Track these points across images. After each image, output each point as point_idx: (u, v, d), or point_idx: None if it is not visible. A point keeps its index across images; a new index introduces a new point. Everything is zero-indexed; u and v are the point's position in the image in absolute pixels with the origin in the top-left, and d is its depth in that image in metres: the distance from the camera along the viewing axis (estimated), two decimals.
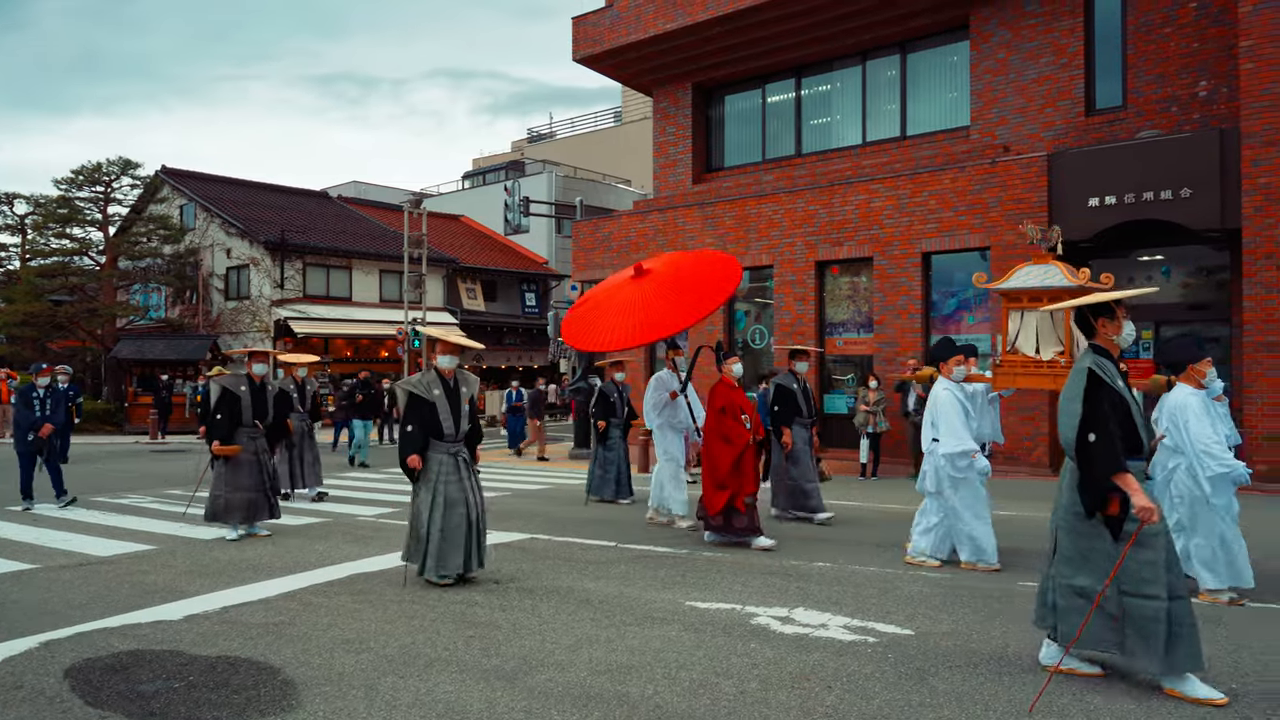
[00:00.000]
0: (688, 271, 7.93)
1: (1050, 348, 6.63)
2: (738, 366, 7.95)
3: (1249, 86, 11.21)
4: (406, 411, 6.10)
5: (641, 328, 7.37)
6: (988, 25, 14.51)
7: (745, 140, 18.13)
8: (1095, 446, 3.93)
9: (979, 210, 13.48)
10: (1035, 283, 6.67)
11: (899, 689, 4.07)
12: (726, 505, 7.54)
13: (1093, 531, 4.05)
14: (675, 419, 9.03)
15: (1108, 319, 4.22)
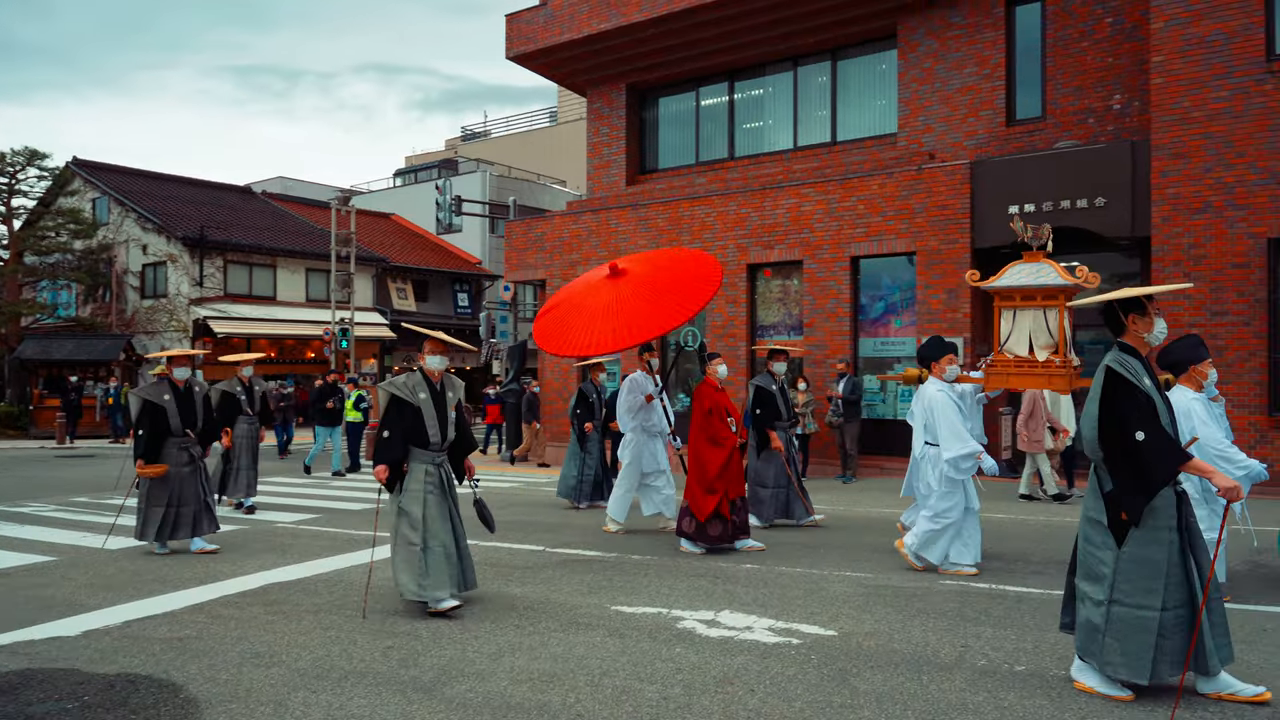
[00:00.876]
0: (667, 272, 7.68)
1: (1044, 348, 6.51)
2: (723, 368, 7.79)
3: (1159, 101, 11.68)
4: (386, 415, 5.55)
5: (622, 331, 7.07)
6: (915, 35, 14.82)
7: (679, 142, 18.18)
8: (1148, 444, 3.70)
9: (906, 215, 13.76)
10: (1028, 281, 6.50)
11: (821, 690, 4.07)
12: (715, 510, 7.30)
13: (1099, 540, 3.93)
14: (650, 422, 8.76)
15: (1139, 315, 4.03)
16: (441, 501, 5.59)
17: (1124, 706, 3.80)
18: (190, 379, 7.86)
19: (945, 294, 13.37)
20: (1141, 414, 3.75)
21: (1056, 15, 13.59)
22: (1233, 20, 11.19)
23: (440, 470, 5.65)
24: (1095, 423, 3.87)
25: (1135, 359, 3.92)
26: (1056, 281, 6.34)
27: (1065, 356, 6.37)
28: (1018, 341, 6.58)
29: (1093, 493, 3.98)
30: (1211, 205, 11.29)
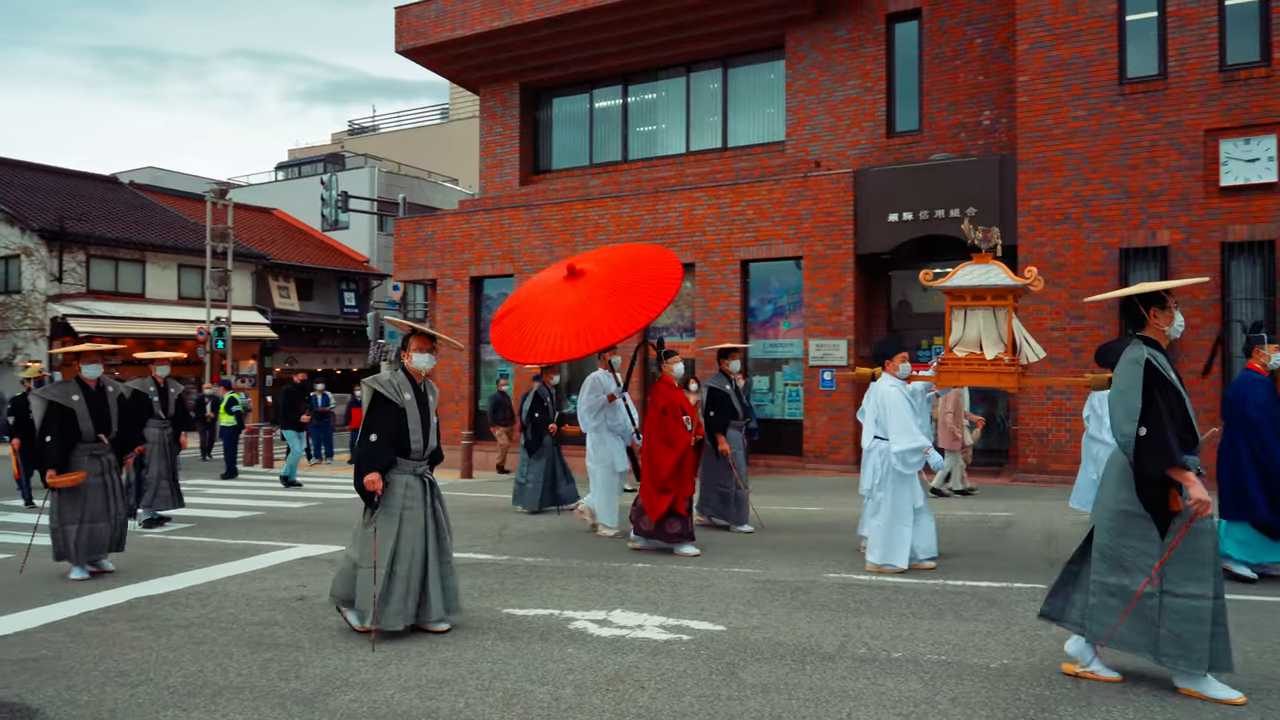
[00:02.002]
0: (626, 272, 7.50)
1: (994, 347, 6.69)
2: (679, 366, 7.67)
3: (1024, 118, 12.44)
4: (370, 416, 5.01)
5: (585, 335, 6.88)
6: (802, 47, 15.29)
7: (573, 144, 18.17)
8: (1147, 440, 3.76)
9: (793, 221, 14.17)
10: (978, 281, 6.67)
11: (710, 684, 4.15)
12: (669, 509, 7.24)
13: (1136, 530, 3.90)
14: (614, 422, 8.63)
15: (1159, 309, 4.06)
16: (420, 518, 5.03)
17: (988, 684, 4.02)
18: (103, 378, 7.01)
19: (830, 297, 13.84)
20: (1169, 407, 3.78)
21: (932, 34, 14.28)
22: (1090, 45, 12.03)
23: (422, 481, 5.12)
24: (1130, 414, 3.82)
25: (1160, 351, 3.94)
26: (1005, 282, 6.57)
27: (1014, 355, 6.62)
28: (969, 340, 6.76)
29: (1125, 484, 3.94)
30: (1071, 217, 12.11)
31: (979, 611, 5.33)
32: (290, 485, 13.15)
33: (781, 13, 15.09)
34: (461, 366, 17.11)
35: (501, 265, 16.84)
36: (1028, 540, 7.71)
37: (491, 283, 17.30)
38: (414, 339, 5.26)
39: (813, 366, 13.86)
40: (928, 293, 14.76)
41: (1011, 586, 5.96)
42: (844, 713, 3.77)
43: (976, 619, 5.17)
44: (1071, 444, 12.05)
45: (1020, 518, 8.93)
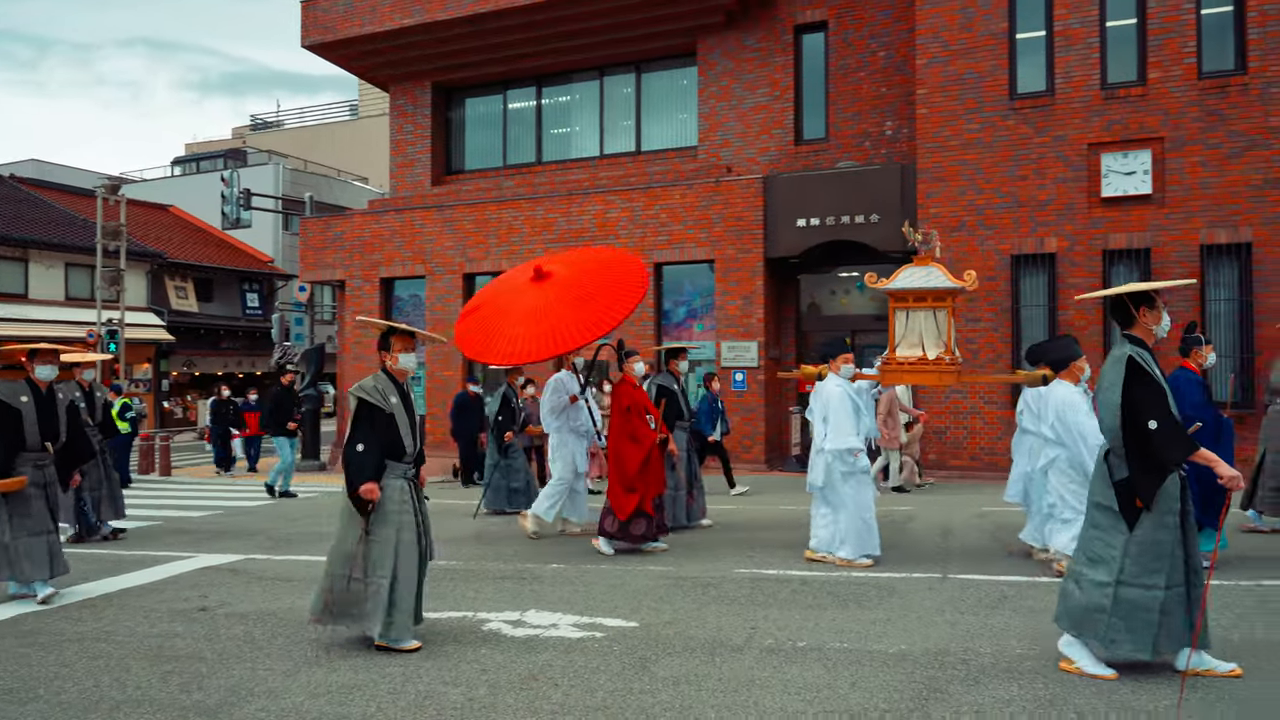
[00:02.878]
0: (593, 276, 7.45)
1: (934, 347, 6.92)
2: (640, 365, 7.67)
3: (923, 130, 12.99)
4: (357, 423, 4.85)
5: (548, 338, 6.81)
6: (713, 54, 15.58)
7: (486, 144, 18.03)
8: (1161, 432, 3.86)
9: (705, 225, 14.42)
10: (919, 283, 6.90)
11: (622, 678, 4.24)
12: (636, 508, 7.19)
13: (1106, 523, 4.05)
14: (576, 423, 8.56)
15: (1149, 308, 4.16)
16: (413, 524, 4.90)
17: (885, 668, 4.23)
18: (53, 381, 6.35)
19: (741, 300, 14.14)
20: (1156, 403, 3.91)
21: (838, 45, 14.76)
22: (983, 62, 12.66)
23: (411, 486, 4.99)
24: (1117, 411, 3.96)
25: (1146, 350, 4.07)
26: (945, 284, 6.83)
27: (954, 354, 6.92)
28: (911, 340, 7.00)
29: (1101, 480, 4.10)
30: (966, 224, 12.70)
31: (880, 601, 5.58)
32: (284, 496, 12.21)
33: (693, 20, 15.35)
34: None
35: (413, 266, 16.60)
36: (927, 533, 8.07)
37: (403, 284, 17.03)
38: (397, 339, 5.06)
39: (725, 368, 14.13)
40: (835, 296, 15.28)
41: (911, 577, 6.24)
42: (751, 701, 3.91)
43: (877, 608, 5.40)
44: (968, 440, 12.65)
45: (920, 512, 9.33)
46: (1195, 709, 3.67)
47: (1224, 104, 11.60)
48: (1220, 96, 11.61)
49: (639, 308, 14.72)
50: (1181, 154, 11.74)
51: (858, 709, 3.79)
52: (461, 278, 16.19)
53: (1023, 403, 6.95)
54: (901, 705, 3.81)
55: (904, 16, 14.06)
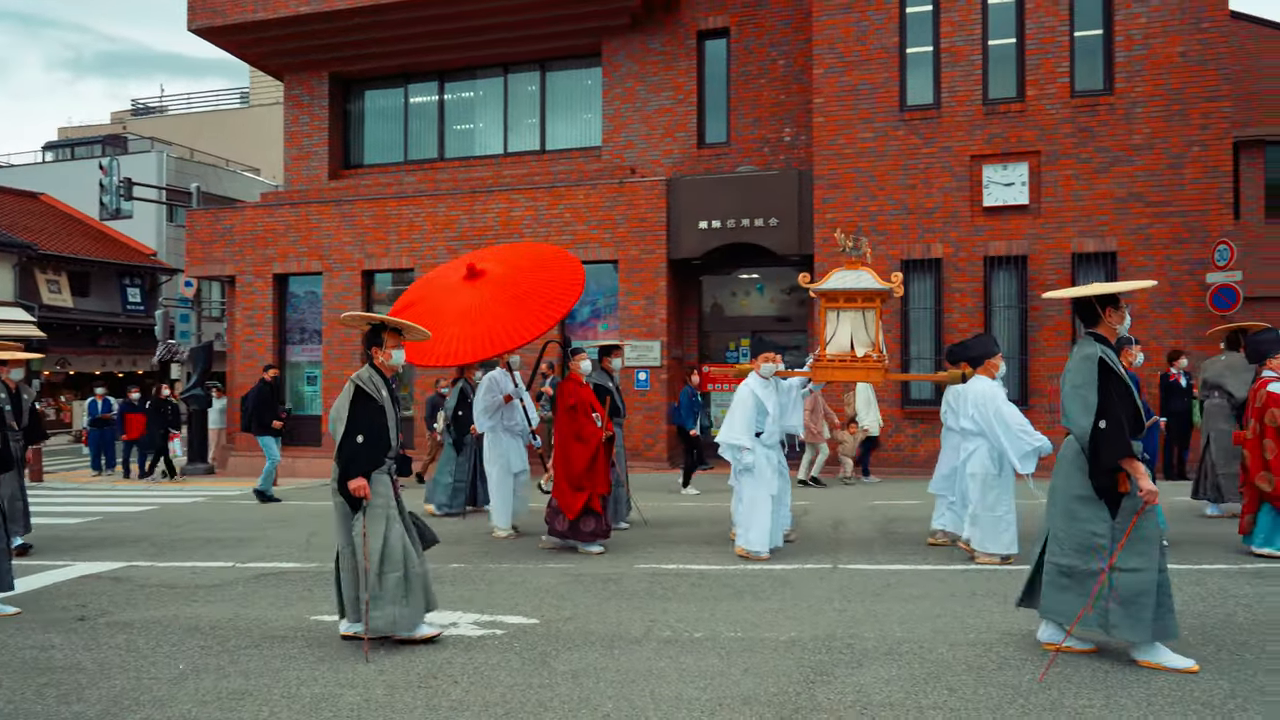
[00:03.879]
0: (528, 275, 7.36)
1: (863, 345, 7.24)
2: (586, 363, 7.61)
3: (820, 137, 13.44)
4: (355, 415, 4.80)
5: (483, 340, 6.69)
6: (617, 56, 15.69)
7: (387, 138, 17.65)
8: (1105, 433, 4.02)
9: (609, 225, 14.53)
10: (850, 284, 7.22)
11: (522, 674, 4.28)
12: (584, 507, 7.18)
13: (1089, 513, 4.17)
14: (510, 422, 8.41)
15: (1114, 308, 4.31)
16: (400, 516, 4.93)
17: (776, 655, 4.41)
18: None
19: (644, 300, 14.31)
20: (1113, 404, 4.05)
21: (739, 52, 15.10)
22: (876, 74, 13.19)
23: (393, 479, 5.00)
24: (1088, 407, 4.08)
25: (1111, 349, 4.22)
26: (874, 285, 7.17)
27: (881, 353, 7.22)
28: (841, 339, 7.27)
29: (1080, 471, 4.19)
30: (860, 229, 13.19)
31: (773, 591, 5.79)
32: (266, 500, 11.50)
33: (598, 21, 15.42)
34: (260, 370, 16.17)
35: (309, 263, 16.12)
36: (820, 526, 8.37)
37: (298, 281, 16.52)
38: (390, 335, 5.03)
39: (628, 367, 14.25)
40: (736, 297, 15.62)
41: (803, 568, 6.49)
42: (648, 690, 4.02)
43: (770, 598, 5.61)
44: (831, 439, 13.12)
45: (814, 506, 9.67)
46: (1125, 692, 3.98)
47: (1094, 121, 12.44)
48: (1091, 114, 12.45)
49: None
50: (1055, 167, 12.53)
51: (749, 694, 3.94)
52: (361, 274, 15.82)
53: (945, 402, 7.33)
54: (790, 688, 3.99)
55: (802, 27, 14.50)
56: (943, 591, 5.65)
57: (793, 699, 3.87)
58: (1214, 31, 12.10)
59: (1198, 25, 12.12)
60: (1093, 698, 3.77)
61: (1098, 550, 4.12)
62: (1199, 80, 12.11)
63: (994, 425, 6.29)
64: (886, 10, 13.14)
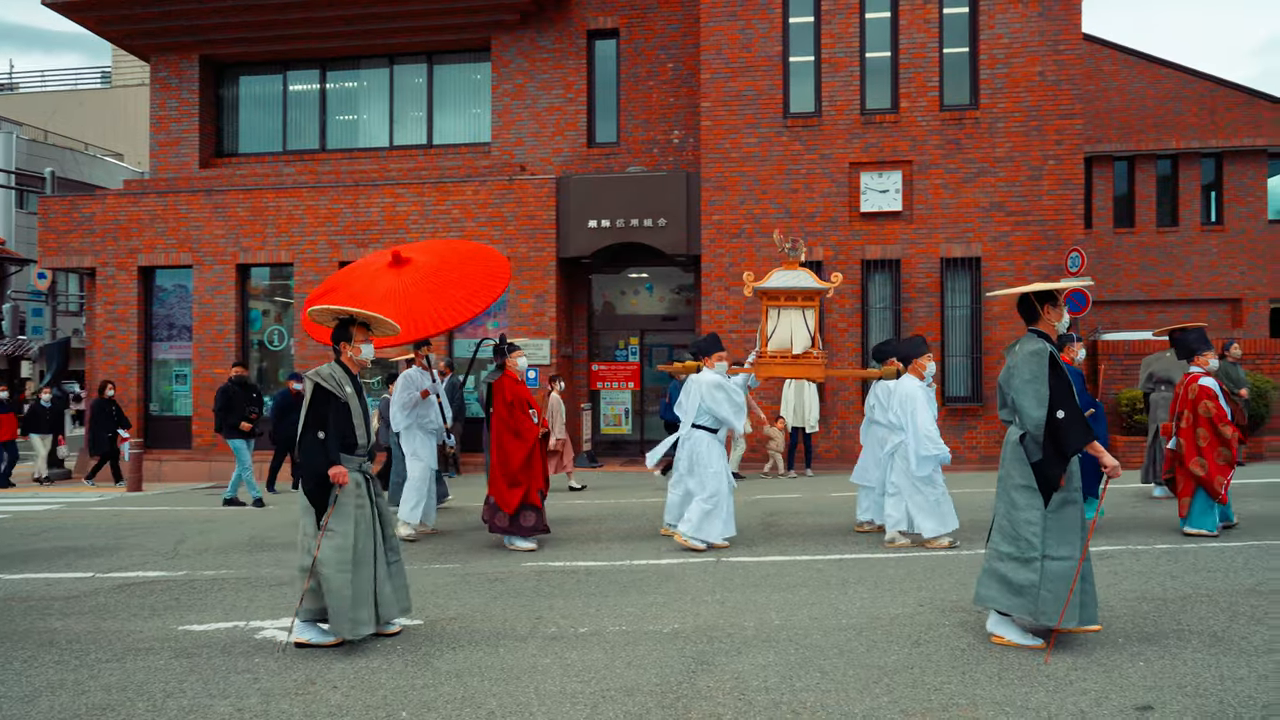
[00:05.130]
0: (455, 267, 7.34)
1: (802, 342, 7.46)
2: (523, 360, 7.59)
3: (707, 140, 13.72)
4: (313, 411, 4.75)
5: (407, 323, 6.57)
6: (507, 52, 15.57)
7: (264, 127, 16.93)
8: (1065, 422, 4.23)
9: (498, 222, 14.40)
10: (791, 283, 7.48)
11: (405, 676, 4.23)
12: (522, 501, 7.16)
13: (1026, 503, 4.35)
14: (425, 419, 8.16)
15: (1052, 306, 4.53)
16: (369, 516, 4.82)
17: (659, 646, 4.52)
18: None
19: (534, 298, 14.26)
20: (1066, 394, 4.29)
21: (629, 54, 15.24)
22: (761, 81, 13.57)
23: (366, 479, 4.90)
24: (1040, 400, 4.27)
25: (1051, 344, 4.43)
26: (813, 285, 7.49)
27: (820, 349, 7.50)
28: (782, 337, 7.49)
29: (1020, 463, 4.38)
30: (745, 231, 13.57)
31: (658, 585, 5.91)
32: (234, 504, 10.84)
33: (487, 15, 15.26)
34: (128, 367, 15.29)
35: (178, 255, 15.29)
36: None
37: (166, 274, 15.65)
38: (358, 329, 4.97)
39: None
40: (626, 296, 15.77)
41: (687, 562, 6.64)
42: (532, 686, 4.05)
43: (655, 592, 5.73)
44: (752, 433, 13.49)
45: None
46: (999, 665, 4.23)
47: (961, 134, 13.18)
48: (958, 127, 13.18)
49: None
50: (926, 176, 13.22)
51: (633, 685, 4.03)
52: (235, 268, 15.12)
53: (873, 396, 7.66)
54: (672, 678, 4.10)
55: (691, 32, 14.76)
56: (819, 581, 5.91)
57: (674, 688, 3.98)
58: (1069, 53, 13.03)
59: (1054, 47, 13.02)
60: (950, 675, 4.04)
61: (1031, 540, 4.32)
62: (1055, 99, 13.01)
63: (908, 424, 6.75)
64: (771, 20, 13.54)
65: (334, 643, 4.70)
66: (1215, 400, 7.14)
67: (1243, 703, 3.62)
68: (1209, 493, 7.04)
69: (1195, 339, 7.44)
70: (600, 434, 15.27)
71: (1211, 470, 7.01)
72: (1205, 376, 7.25)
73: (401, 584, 4.98)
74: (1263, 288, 19.40)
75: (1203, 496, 7.09)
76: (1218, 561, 6.11)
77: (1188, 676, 3.92)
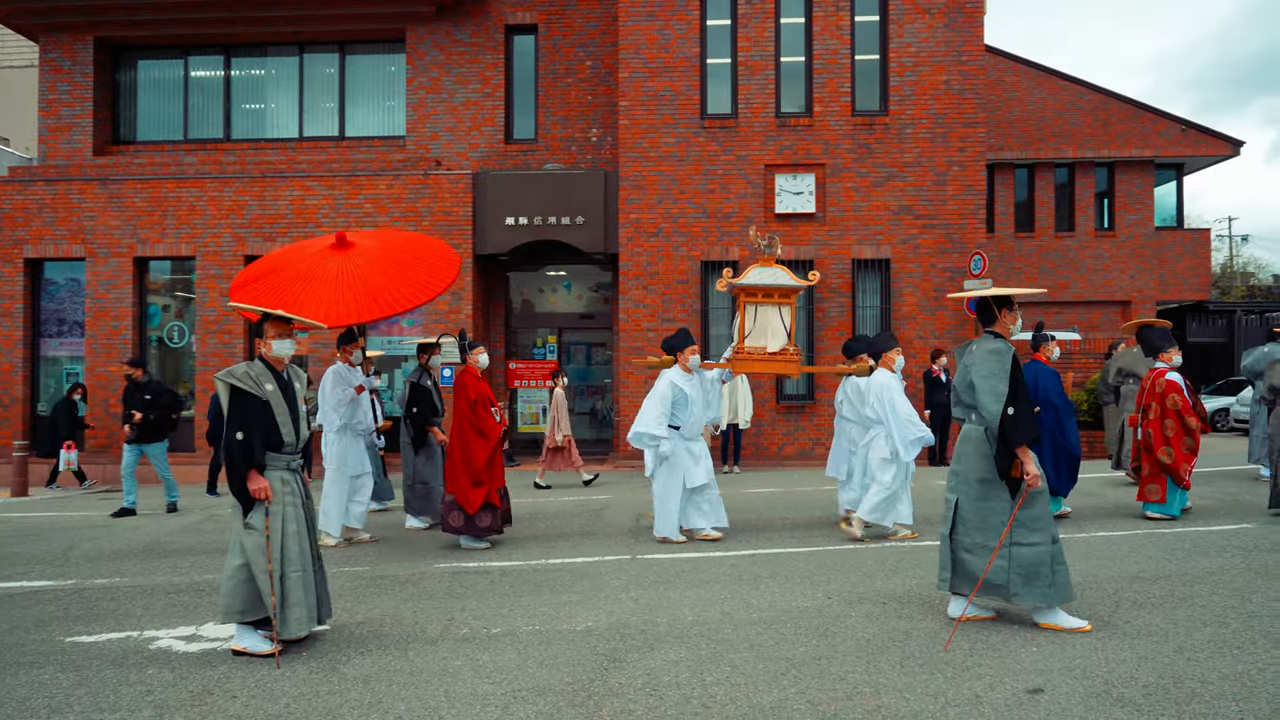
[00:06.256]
0: (402, 248, 7.32)
1: (777, 340, 7.50)
2: (483, 356, 7.40)
3: (625, 139, 13.75)
4: (232, 413, 4.60)
5: (370, 300, 6.45)
6: (423, 44, 15.27)
7: (165, 114, 16.16)
8: (1014, 418, 4.44)
9: (413, 218, 14.12)
10: (768, 281, 7.49)
11: (309, 684, 4.11)
12: (484, 502, 7.04)
13: (993, 494, 4.58)
14: (355, 419, 7.77)
15: (1009, 309, 4.75)
16: (299, 515, 4.73)
17: (572, 645, 4.51)
18: None
19: (450, 296, 14.02)
20: (1019, 392, 4.50)
21: (547, 50, 15.14)
22: (678, 81, 13.67)
23: (296, 478, 4.80)
24: (1000, 397, 4.46)
25: (1009, 345, 4.65)
26: (789, 282, 7.50)
27: (796, 346, 7.58)
28: (758, 334, 7.52)
29: (983, 457, 4.59)
30: (663, 230, 13.65)
31: (572, 584, 5.89)
32: (126, 515, 9.91)
33: (402, 6, 14.94)
34: (13, 364, 14.42)
35: (69, 247, 14.50)
36: (620, 519, 8.60)
37: (55, 267, 14.82)
38: (270, 325, 4.84)
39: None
40: (544, 294, 15.68)
41: (603, 560, 6.65)
42: (442, 689, 3.99)
43: (569, 590, 5.71)
44: None
45: (617, 500, 9.91)
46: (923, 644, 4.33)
47: (871, 139, 13.55)
48: (869, 133, 13.55)
49: None
50: (838, 180, 13.54)
51: (544, 684, 4.01)
52: (132, 261, 14.43)
53: (841, 393, 7.81)
54: (584, 676, 4.09)
55: (609, 30, 14.76)
56: (731, 576, 5.99)
57: (586, 686, 3.97)
58: (972, 64, 13.53)
59: (958, 58, 13.51)
60: (855, 664, 4.15)
61: (999, 529, 4.57)
62: (959, 107, 13.50)
63: (888, 414, 6.93)
64: (689, 21, 13.65)
65: (270, 651, 4.51)
66: (1182, 394, 7.67)
67: (1125, 683, 3.83)
68: (1174, 479, 7.57)
69: (1159, 337, 7.98)
70: (518, 432, 15.14)
71: (1178, 459, 7.52)
72: (1172, 371, 7.76)
73: (325, 591, 4.87)
74: (1150, 290, 20.58)
75: (1169, 482, 7.58)
76: (1106, 549, 6.45)
77: (1076, 660, 4.12)
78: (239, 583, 4.59)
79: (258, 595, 4.59)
